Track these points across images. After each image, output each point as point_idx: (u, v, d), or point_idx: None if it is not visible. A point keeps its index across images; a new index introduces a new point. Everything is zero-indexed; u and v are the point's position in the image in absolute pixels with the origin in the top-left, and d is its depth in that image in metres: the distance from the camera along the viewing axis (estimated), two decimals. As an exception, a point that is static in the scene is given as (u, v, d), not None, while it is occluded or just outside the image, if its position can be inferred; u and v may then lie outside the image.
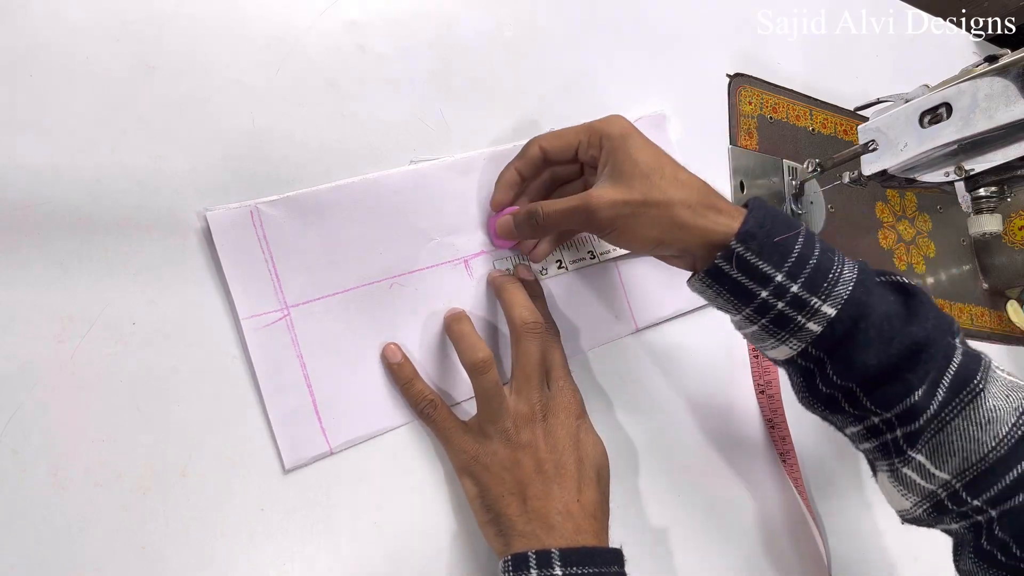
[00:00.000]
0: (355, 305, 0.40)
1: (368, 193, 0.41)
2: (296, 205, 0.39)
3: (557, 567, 0.34)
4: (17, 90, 0.34)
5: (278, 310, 0.38)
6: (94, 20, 0.36)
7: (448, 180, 0.43)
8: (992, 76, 0.43)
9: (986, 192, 0.47)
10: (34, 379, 0.32)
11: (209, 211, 0.36)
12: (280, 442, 0.36)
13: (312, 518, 0.37)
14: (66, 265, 0.34)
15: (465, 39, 0.46)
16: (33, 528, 0.31)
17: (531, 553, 0.34)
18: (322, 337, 0.38)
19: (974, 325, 0.70)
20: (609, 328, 0.48)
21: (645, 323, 0.50)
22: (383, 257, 0.41)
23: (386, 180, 0.41)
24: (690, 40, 0.57)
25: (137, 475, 0.33)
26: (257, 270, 0.37)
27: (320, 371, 0.38)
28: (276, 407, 0.37)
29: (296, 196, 0.39)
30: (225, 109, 0.38)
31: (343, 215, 0.40)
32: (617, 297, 0.49)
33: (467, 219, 0.44)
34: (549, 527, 0.36)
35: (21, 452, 0.32)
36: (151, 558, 0.33)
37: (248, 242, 0.37)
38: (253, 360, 0.36)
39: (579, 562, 0.34)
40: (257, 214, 0.38)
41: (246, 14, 0.40)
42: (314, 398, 0.38)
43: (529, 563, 0.34)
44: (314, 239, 0.39)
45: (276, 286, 0.38)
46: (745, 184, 0.57)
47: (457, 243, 0.43)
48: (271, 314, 0.37)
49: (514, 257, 0.45)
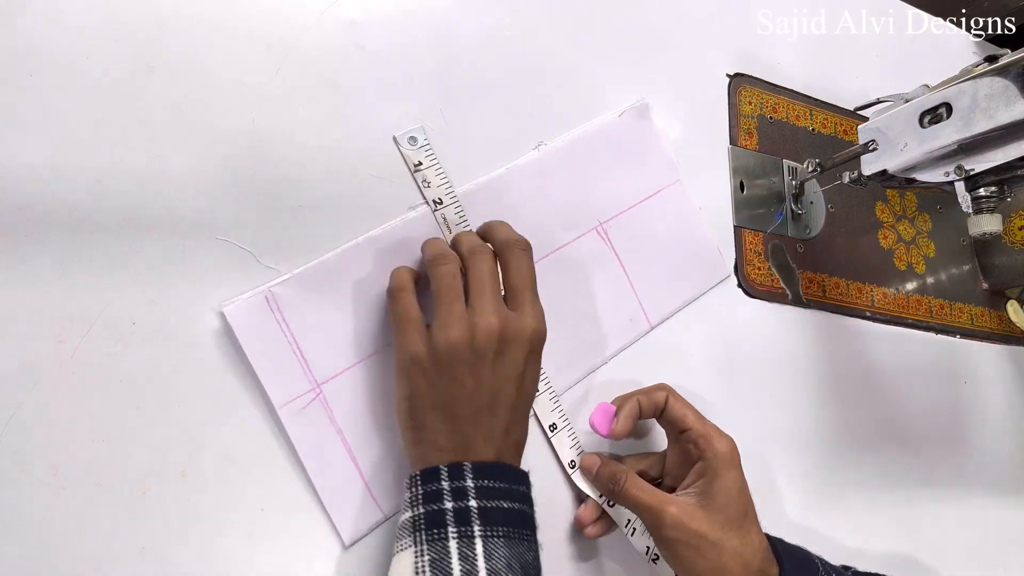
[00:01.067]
0: (380, 367, 0.40)
1: (371, 250, 0.41)
2: (307, 280, 0.39)
3: (468, 479, 0.34)
4: (17, 90, 0.34)
5: (310, 390, 0.38)
6: (94, 20, 0.36)
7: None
8: (992, 76, 0.43)
9: (986, 192, 0.47)
10: (34, 379, 0.32)
11: (225, 306, 0.36)
12: (335, 518, 0.37)
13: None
14: (66, 265, 0.34)
15: (465, 39, 0.46)
16: (33, 528, 0.31)
17: (442, 467, 0.34)
18: (356, 406, 0.39)
19: (974, 325, 0.70)
20: (626, 331, 0.48)
21: (657, 319, 0.50)
22: None
23: (388, 234, 0.41)
24: (690, 40, 0.57)
25: (137, 475, 0.33)
26: (283, 355, 0.37)
27: (360, 440, 0.38)
28: (325, 485, 0.37)
29: (304, 271, 0.39)
30: (225, 109, 0.38)
31: (353, 278, 0.40)
32: (628, 297, 0.49)
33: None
34: (472, 448, 0.35)
35: (21, 452, 0.32)
36: (151, 558, 0.33)
37: (269, 329, 0.37)
38: (296, 446, 0.37)
39: (490, 476, 0.34)
40: (272, 299, 0.38)
41: (246, 14, 0.40)
42: (359, 468, 0.38)
43: (440, 475, 0.34)
44: (331, 310, 0.39)
45: (304, 366, 0.38)
46: (745, 184, 0.57)
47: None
48: (305, 396, 0.38)
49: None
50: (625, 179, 0.50)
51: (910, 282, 0.66)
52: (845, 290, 0.61)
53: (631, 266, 0.50)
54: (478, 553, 0.32)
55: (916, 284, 0.67)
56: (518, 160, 0.47)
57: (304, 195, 0.40)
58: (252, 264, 0.38)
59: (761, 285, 0.56)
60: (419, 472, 0.34)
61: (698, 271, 0.53)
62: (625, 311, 0.49)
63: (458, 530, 0.32)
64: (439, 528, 0.32)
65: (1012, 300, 0.72)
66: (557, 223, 0.47)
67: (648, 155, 0.52)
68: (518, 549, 0.34)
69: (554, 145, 0.48)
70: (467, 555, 0.32)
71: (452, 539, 0.32)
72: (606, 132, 0.50)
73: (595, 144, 0.50)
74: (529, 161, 0.47)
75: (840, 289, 0.61)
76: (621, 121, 0.51)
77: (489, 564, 0.32)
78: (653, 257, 0.51)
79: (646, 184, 0.51)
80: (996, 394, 0.69)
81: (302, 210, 0.40)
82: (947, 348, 0.67)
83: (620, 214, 0.50)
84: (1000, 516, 0.64)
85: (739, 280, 0.55)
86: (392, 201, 0.42)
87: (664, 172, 0.52)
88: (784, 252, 0.58)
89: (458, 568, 0.32)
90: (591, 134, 0.50)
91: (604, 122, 0.50)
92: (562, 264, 0.47)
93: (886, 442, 0.60)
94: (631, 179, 0.51)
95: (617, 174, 0.50)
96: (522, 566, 0.33)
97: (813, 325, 0.58)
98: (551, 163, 0.48)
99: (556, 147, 0.48)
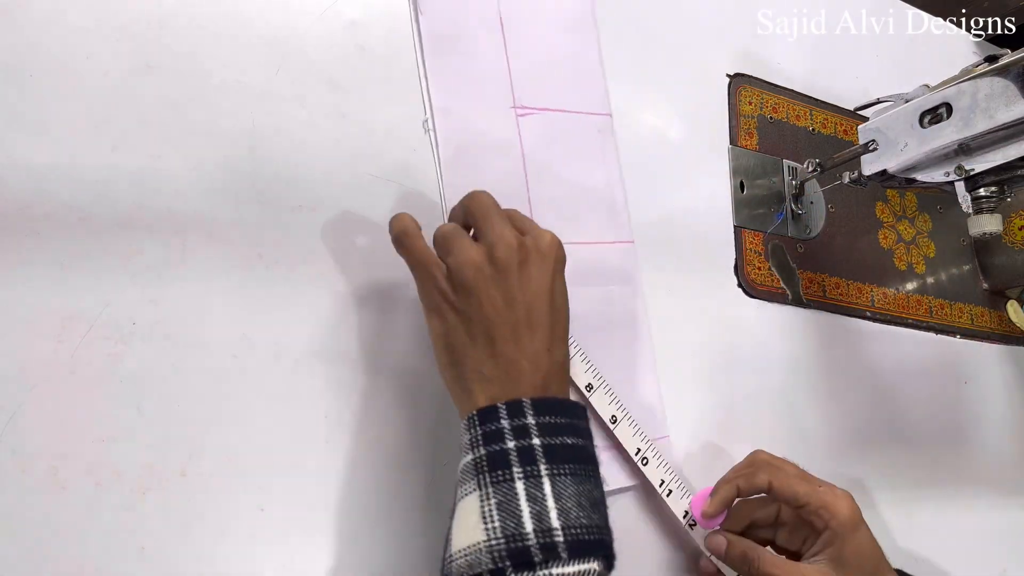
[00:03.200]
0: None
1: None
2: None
3: (530, 416, 0.32)
4: (17, 90, 0.34)
5: None
6: (94, 20, 0.36)
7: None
8: (992, 76, 0.43)
9: (986, 192, 0.47)
10: (34, 379, 0.32)
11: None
12: None
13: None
14: (66, 265, 0.34)
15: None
16: (33, 528, 0.31)
17: (500, 405, 0.33)
18: None
19: (974, 325, 0.70)
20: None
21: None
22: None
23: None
24: (690, 40, 0.57)
25: (137, 475, 0.33)
26: None
27: None
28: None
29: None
30: (225, 109, 0.38)
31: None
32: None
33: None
34: (518, 373, 0.34)
35: (21, 452, 0.32)
36: (151, 558, 0.33)
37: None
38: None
39: (551, 412, 0.33)
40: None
41: (246, 14, 0.40)
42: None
43: (499, 414, 0.32)
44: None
45: None
46: (745, 184, 0.57)
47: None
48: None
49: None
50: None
51: (910, 282, 0.66)
52: (845, 290, 0.61)
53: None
54: (547, 493, 0.31)
55: (916, 284, 0.67)
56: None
57: (304, 195, 0.40)
58: (252, 264, 0.38)
59: (761, 285, 0.56)
60: (476, 412, 0.33)
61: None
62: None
63: (524, 470, 0.31)
64: (504, 469, 0.31)
65: (1012, 300, 0.72)
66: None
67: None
68: (586, 486, 0.32)
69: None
70: (535, 496, 0.30)
71: (518, 480, 0.31)
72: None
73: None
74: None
75: (840, 289, 0.61)
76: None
77: (559, 504, 0.30)
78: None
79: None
80: (996, 394, 0.69)
81: (302, 210, 0.40)
82: (947, 348, 0.67)
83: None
84: (1000, 516, 0.64)
85: (739, 280, 0.55)
86: (391, 201, 0.42)
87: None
88: (784, 252, 0.58)
89: (527, 509, 0.30)
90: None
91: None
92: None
93: (886, 442, 0.60)
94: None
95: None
96: (591, 503, 0.32)
97: (813, 325, 0.58)
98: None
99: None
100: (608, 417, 0.43)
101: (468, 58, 0.46)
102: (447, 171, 0.44)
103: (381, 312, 0.41)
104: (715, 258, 0.55)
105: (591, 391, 0.43)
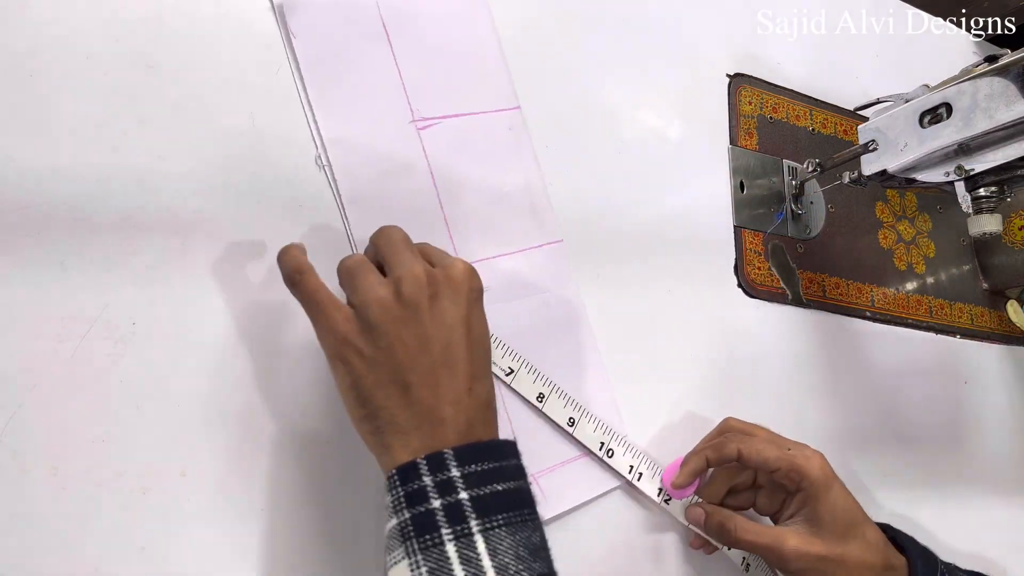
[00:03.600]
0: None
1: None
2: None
3: (453, 468, 0.30)
4: (17, 90, 0.34)
5: None
6: (94, 20, 0.36)
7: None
8: (992, 76, 0.43)
9: (986, 192, 0.47)
10: (34, 379, 0.32)
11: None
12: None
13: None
14: (66, 265, 0.34)
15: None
16: (33, 528, 0.31)
17: (420, 460, 0.30)
18: None
19: (974, 325, 0.70)
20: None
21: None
22: None
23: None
24: (690, 40, 0.57)
25: (137, 475, 0.33)
26: None
27: None
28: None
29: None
30: (225, 109, 0.38)
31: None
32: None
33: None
34: (438, 421, 0.31)
35: (21, 452, 0.32)
36: (151, 558, 0.33)
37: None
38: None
39: (476, 459, 0.30)
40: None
41: (246, 14, 0.40)
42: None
43: (420, 471, 0.30)
44: None
45: None
46: (745, 184, 0.57)
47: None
48: None
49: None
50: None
51: (910, 282, 0.66)
52: (845, 290, 0.61)
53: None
54: (481, 552, 0.29)
55: (916, 284, 0.67)
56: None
57: (304, 195, 0.40)
58: (252, 264, 0.38)
59: (761, 285, 0.56)
60: (395, 470, 0.30)
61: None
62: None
63: (453, 530, 0.29)
64: (431, 532, 0.29)
65: (1012, 300, 0.72)
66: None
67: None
68: (523, 534, 0.30)
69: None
70: (469, 556, 0.28)
71: (449, 542, 0.28)
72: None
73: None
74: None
75: (840, 289, 0.61)
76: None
77: (495, 560, 0.29)
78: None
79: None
80: (996, 394, 0.69)
81: (302, 210, 0.40)
82: (947, 348, 0.67)
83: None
84: (1000, 516, 0.64)
85: (739, 280, 0.55)
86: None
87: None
88: (784, 252, 0.58)
89: (462, 574, 0.28)
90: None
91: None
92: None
93: (886, 442, 0.60)
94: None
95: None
96: (530, 551, 0.30)
97: (813, 325, 0.58)
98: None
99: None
100: (565, 420, 0.44)
101: (354, 77, 0.42)
102: (350, 207, 0.40)
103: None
104: (715, 258, 0.55)
105: (543, 400, 0.43)
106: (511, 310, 0.36)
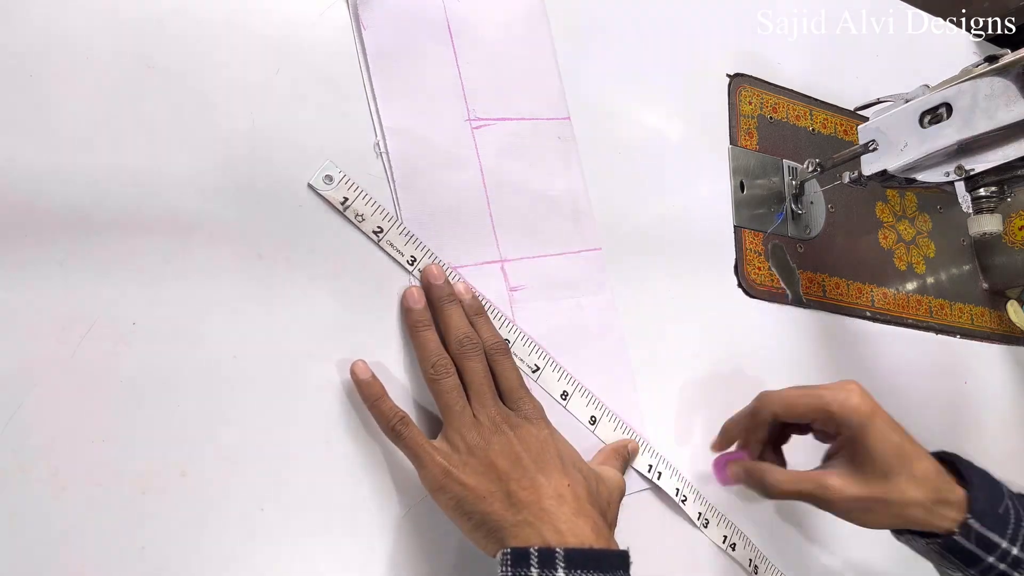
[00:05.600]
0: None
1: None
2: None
3: (560, 569, 0.31)
4: (17, 90, 0.34)
5: None
6: (94, 20, 0.36)
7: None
8: (992, 76, 0.43)
9: (986, 192, 0.47)
10: (34, 379, 0.32)
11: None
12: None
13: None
14: (66, 265, 0.34)
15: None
16: (33, 528, 0.31)
17: (533, 550, 0.32)
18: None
19: (974, 325, 0.70)
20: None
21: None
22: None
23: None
24: (690, 40, 0.57)
25: (137, 475, 0.33)
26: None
27: None
28: None
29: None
30: (225, 109, 0.38)
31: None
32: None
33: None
34: (542, 511, 0.34)
35: (21, 452, 0.32)
36: (151, 558, 0.33)
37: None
38: None
39: (584, 565, 0.32)
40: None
41: (246, 14, 0.40)
42: None
43: (530, 560, 0.31)
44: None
45: None
46: (745, 184, 0.57)
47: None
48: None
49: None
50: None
51: (910, 282, 0.66)
52: (845, 290, 0.61)
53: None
54: None
55: (916, 284, 0.67)
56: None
57: (304, 195, 0.40)
58: (252, 264, 0.38)
59: (761, 285, 0.56)
60: (510, 550, 0.32)
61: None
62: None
63: None
64: None
65: (1012, 300, 0.72)
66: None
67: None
68: None
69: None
70: None
71: None
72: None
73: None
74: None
75: (840, 289, 0.61)
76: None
77: None
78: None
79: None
80: (996, 394, 0.69)
81: (302, 210, 0.40)
82: (947, 348, 0.67)
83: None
84: (1000, 516, 0.64)
85: (739, 280, 0.55)
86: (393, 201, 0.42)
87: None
88: (784, 252, 0.58)
89: None
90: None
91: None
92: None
93: (886, 442, 0.60)
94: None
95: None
96: None
97: (813, 325, 0.58)
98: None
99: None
100: (587, 419, 0.45)
101: (417, 72, 0.44)
102: (403, 195, 0.42)
103: (381, 312, 0.41)
104: (715, 258, 0.55)
105: (567, 398, 0.44)
106: (545, 309, 0.38)
